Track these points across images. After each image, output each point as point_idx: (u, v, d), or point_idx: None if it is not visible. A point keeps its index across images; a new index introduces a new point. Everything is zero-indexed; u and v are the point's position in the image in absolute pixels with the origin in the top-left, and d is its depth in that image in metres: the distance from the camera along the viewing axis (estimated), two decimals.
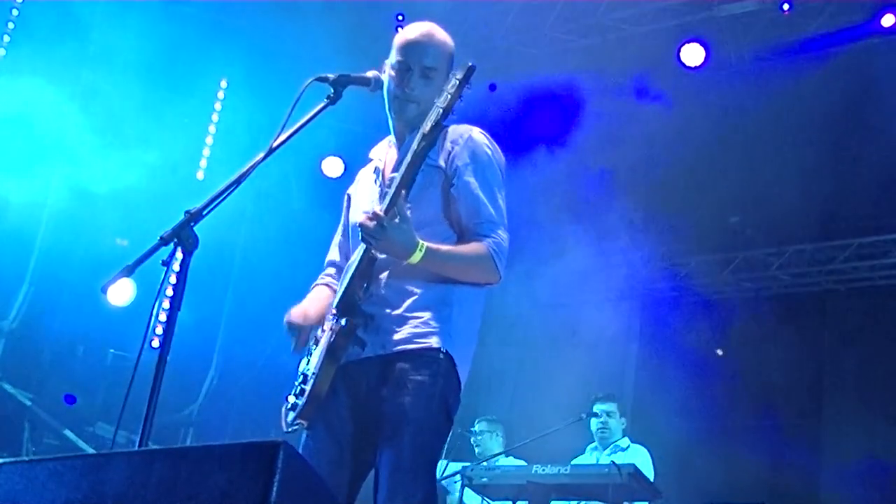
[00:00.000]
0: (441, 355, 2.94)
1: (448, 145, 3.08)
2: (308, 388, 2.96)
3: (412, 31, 3.16)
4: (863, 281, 8.32)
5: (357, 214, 3.23)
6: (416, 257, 2.88)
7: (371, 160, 3.35)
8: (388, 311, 2.98)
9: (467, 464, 6.45)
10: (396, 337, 2.95)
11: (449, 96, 2.89)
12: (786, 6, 7.56)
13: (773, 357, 8.05)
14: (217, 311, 8.91)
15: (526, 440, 6.58)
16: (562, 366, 8.04)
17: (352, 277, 3.00)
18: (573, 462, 6.44)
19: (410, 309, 2.98)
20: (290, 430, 3.03)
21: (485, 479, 5.88)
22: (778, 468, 7.49)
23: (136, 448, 2.41)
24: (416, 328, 2.95)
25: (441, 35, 3.18)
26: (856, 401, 7.83)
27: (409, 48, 3.11)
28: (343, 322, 2.96)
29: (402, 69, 3.10)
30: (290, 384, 3.17)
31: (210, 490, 1.74)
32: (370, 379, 2.96)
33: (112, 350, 8.27)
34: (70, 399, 8.11)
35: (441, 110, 2.89)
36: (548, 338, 8.58)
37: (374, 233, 2.83)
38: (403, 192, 2.86)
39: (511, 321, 8.60)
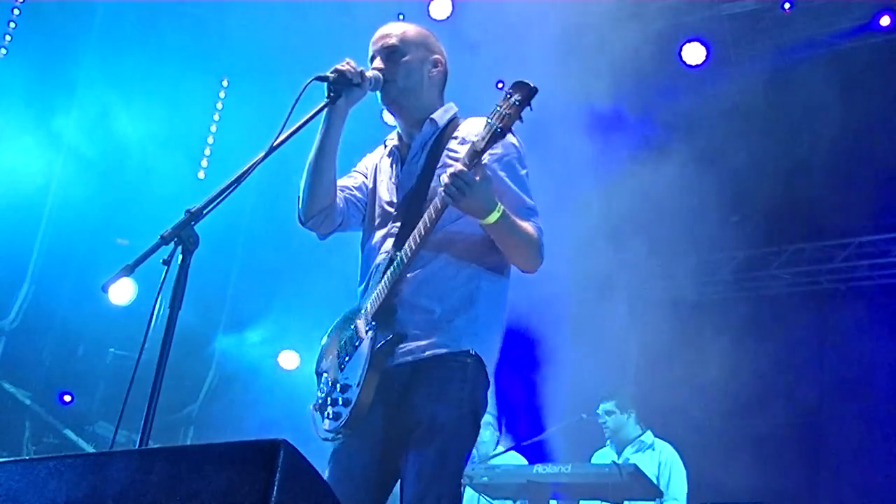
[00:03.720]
0: (469, 358, 2.96)
1: (470, 139, 3.10)
2: (354, 398, 2.95)
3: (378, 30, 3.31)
4: (863, 280, 8.32)
5: (382, 203, 3.25)
6: (494, 217, 2.88)
7: (385, 145, 3.38)
8: (416, 315, 3.00)
9: None
10: (425, 342, 2.97)
11: (506, 116, 2.81)
12: (787, 5, 7.56)
13: (774, 356, 8.05)
14: (217, 310, 8.91)
15: (526, 440, 6.58)
16: (562, 366, 8.04)
17: (390, 285, 2.99)
18: (594, 456, 6.45)
19: (438, 312, 2.99)
20: (332, 438, 3.04)
21: (485, 479, 5.88)
22: (778, 468, 7.49)
23: (137, 447, 2.42)
24: (444, 332, 2.97)
25: (403, 24, 3.31)
26: (856, 400, 7.83)
27: (374, 41, 3.27)
28: (390, 337, 2.97)
29: (372, 59, 3.23)
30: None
31: (211, 489, 1.74)
32: (402, 385, 2.97)
33: (112, 349, 8.26)
34: (66, 398, 8.10)
35: (498, 129, 2.81)
36: (548, 338, 8.57)
37: (461, 188, 2.79)
38: (479, 158, 2.85)
39: (509, 321, 8.58)
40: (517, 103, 2.81)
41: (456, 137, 3.12)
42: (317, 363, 3.24)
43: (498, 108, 2.84)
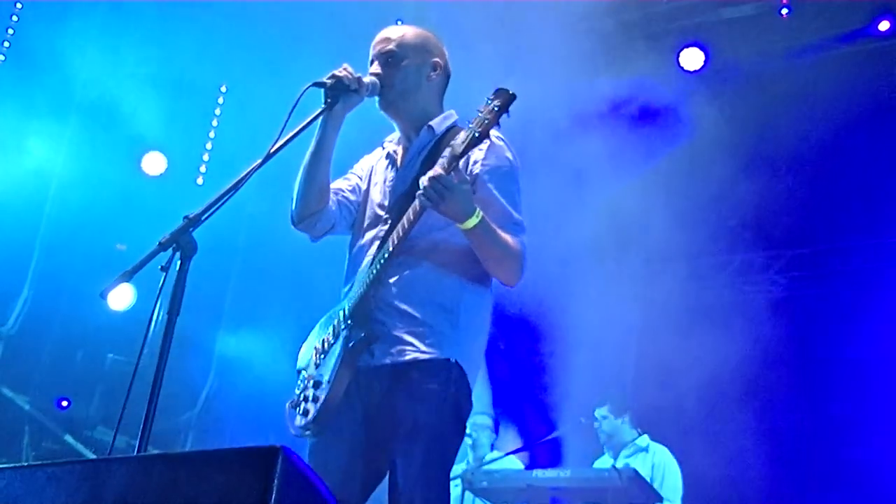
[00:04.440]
0: (452, 365, 2.96)
1: (453, 144, 3.11)
2: (323, 395, 2.98)
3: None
4: (864, 283, 8.31)
5: (373, 205, 3.27)
6: (472, 221, 2.89)
7: (384, 148, 3.39)
8: (397, 319, 3.01)
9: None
10: (407, 347, 2.97)
11: (485, 121, 2.87)
12: (784, 10, 7.57)
13: (773, 358, 8.04)
14: (216, 315, 8.90)
15: (524, 444, 6.58)
16: (560, 371, 8.04)
17: (367, 285, 3.01)
18: (596, 464, 6.46)
19: (419, 317, 3.00)
20: (302, 434, 3.05)
21: (485, 483, 5.88)
22: (777, 469, 7.48)
23: (136, 453, 2.42)
24: (426, 338, 2.97)
25: (402, 28, 3.35)
26: (859, 401, 7.81)
27: (373, 45, 3.30)
28: (361, 335, 2.98)
29: (371, 63, 3.26)
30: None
31: (209, 494, 1.74)
32: (382, 387, 2.98)
33: (111, 355, 8.25)
34: (62, 403, 8.09)
35: (476, 134, 2.87)
36: (546, 342, 8.58)
37: (440, 191, 2.83)
38: (457, 162, 2.89)
39: (509, 322, 8.59)
40: (496, 109, 2.86)
41: (452, 146, 3.13)
42: (298, 361, 3.25)
43: (479, 114, 2.89)
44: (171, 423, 8.48)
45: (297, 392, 3.13)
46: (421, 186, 2.87)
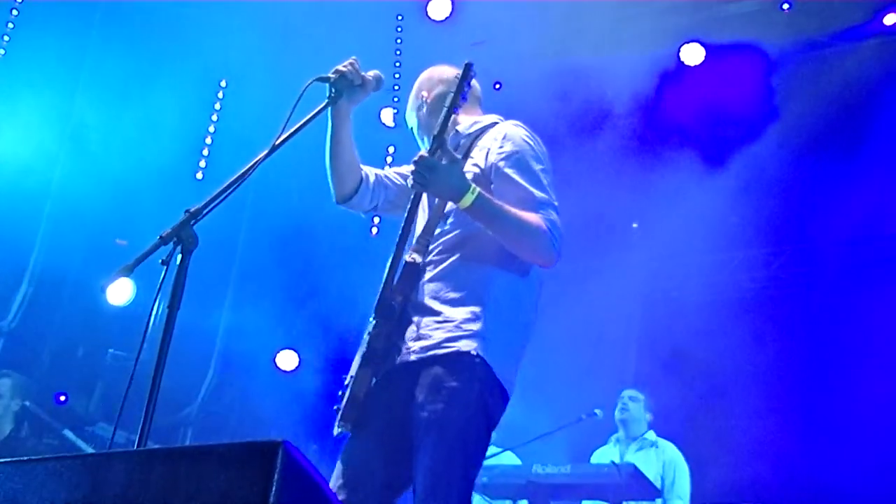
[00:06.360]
0: (476, 360, 2.91)
1: (487, 144, 3.13)
2: (347, 391, 2.98)
3: None
4: (867, 281, 8.30)
5: (421, 205, 3.29)
6: (469, 199, 2.89)
7: None
8: (423, 315, 3.00)
9: None
10: (429, 342, 2.95)
11: (451, 95, 3.01)
12: (785, 6, 7.55)
13: (774, 356, 8.04)
14: (217, 310, 8.90)
15: (526, 440, 6.58)
16: (561, 366, 8.04)
17: (391, 281, 3.03)
18: (595, 454, 6.47)
19: (444, 312, 2.98)
20: (336, 433, 3.05)
21: (484, 479, 5.88)
22: (778, 469, 7.48)
23: (136, 448, 2.41)
24: (448, 332, 2.95)
25: (416, 82, 3.44)
26: (864, 403, 7.81)
27: None
28: (374, 326, 2.99)
29: None
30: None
31: (209, 490, 1.74)
32: (408, 385, 2.95)
33: (111, 350, 8.25)
34: (60, 398, 8.08)
35: (445, 109, 3.00)
36: (547, 339, 8.57)
37: (423, 173, 2.89)
38: (438, 142, 2.98)
39: None
40: (457, 81, 3.02)
41: (476, 146, 3.18)
42: None
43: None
44: (172, 419, 8.48)
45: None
46: (409, 172, 2.95)
